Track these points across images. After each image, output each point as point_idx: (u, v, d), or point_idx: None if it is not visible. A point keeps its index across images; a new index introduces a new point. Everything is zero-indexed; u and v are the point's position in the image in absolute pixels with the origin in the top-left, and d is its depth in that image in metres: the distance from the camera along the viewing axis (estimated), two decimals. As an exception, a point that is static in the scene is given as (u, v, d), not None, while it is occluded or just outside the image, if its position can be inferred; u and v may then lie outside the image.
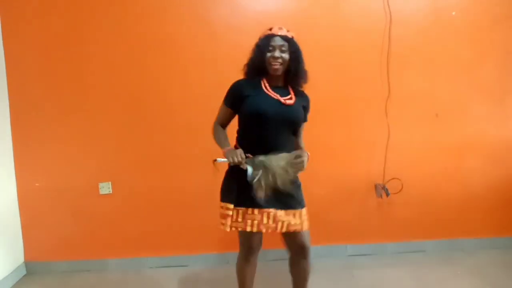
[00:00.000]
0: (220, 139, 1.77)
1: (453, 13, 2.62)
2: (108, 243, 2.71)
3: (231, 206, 1.69)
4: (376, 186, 2.70)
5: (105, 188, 2.65)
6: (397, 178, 2.65)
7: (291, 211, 1.71)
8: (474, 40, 2.65)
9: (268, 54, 1.66)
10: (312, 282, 1.89)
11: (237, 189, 1.70)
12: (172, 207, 2.68)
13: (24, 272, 2.70)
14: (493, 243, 2.77)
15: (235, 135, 1.81)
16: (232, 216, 1.69)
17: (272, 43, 1.66)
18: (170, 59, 2.59)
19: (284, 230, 1.70)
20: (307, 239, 1.76)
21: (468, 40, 2.65)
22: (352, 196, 2.71)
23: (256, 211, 1.67)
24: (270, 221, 1.68)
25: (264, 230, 1.69)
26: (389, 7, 2.57)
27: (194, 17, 2.57)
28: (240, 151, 1.61)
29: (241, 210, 1.69)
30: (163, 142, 2.64)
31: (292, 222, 1.70)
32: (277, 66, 1.67)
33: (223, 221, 1.71)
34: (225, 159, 1.63)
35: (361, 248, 2.76)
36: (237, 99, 1.72)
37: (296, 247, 1.77)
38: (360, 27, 2.60)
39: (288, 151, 1.68)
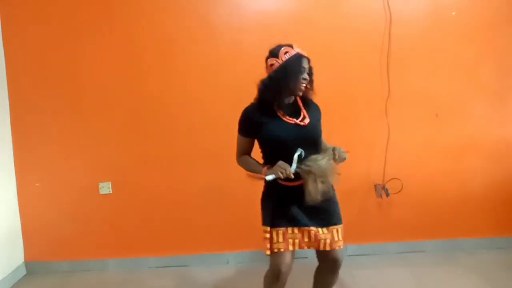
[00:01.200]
0: (252, 166, 1.71)
1: (453, 13, 2.61)
2: (108, 243, 2.71)
3: (268, 228, 1.65)
4: (376, 186, 2.70)
5: (105, 188, 2.65)
6: (397, 178, 2.65)
7: (333, 228, 1.69)
8: (474, 40, 2.65)
9: (300, 76, 1.62)
10: (312, 282, 1.89)
11: (274, 209, 1.67)
12: (172, 207, 2.68)
13: (24, 272, 2.70)
14: (493, 243, 2.76)
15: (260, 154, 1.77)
16: (271, 238, 1.64)
17: (304, 65, 1.62)
18: (170, 59, 2.59)
19: (328, 248, 1.67)
20: (342, 254, 1.72)
21: (468, 40, 2.65)
22: (352, 196, 2.70)
23: (296, 229, 1.65)
24: (312, 239, 1.66)
25: (306, 248, 1.67)
26: (389, 7, 2.57)
27: (194, 17, 2.57)
28: (284, 164, 1.55)
29: (281, 230, 1.64)
30: (163, 142, 2.64)
31: (336, 238, 1.68)
32: (303, 88, 1.64)
33: (264, 243, 1.66)
34: (273, 175, 1.55)
35: (361, 248, 2.76)
36: (253, 127, 1.67)
37: (330, 261, 1.73)
38: (360, 27, 2.60)
39: None
